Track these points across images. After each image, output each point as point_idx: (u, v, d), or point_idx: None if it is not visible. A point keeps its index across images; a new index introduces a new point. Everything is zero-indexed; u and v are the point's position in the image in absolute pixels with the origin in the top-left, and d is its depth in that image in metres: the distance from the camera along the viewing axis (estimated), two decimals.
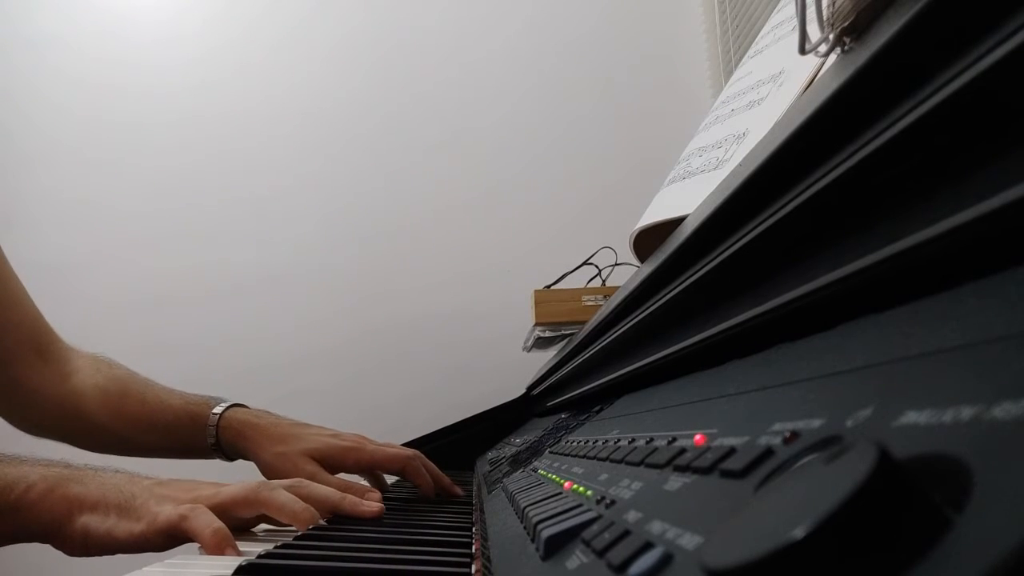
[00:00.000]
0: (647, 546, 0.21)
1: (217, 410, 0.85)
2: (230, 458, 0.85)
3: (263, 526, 0.67)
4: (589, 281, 1.29)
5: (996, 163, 0.18)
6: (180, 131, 1.94)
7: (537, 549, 0.31)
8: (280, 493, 0.58)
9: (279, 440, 0.80)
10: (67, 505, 0.54)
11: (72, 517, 0.54)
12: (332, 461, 0.79)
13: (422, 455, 0.82)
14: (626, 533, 0.23)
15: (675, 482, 0.26)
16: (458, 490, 0.81)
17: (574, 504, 0.34)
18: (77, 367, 0.89)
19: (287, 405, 0.91)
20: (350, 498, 0.63)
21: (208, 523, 0.52)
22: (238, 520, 0.57)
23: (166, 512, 0.54)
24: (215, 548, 0.50)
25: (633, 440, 0.38)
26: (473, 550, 0.46)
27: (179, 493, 0.57)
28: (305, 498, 0.59)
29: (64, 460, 0.59)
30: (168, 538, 0.54)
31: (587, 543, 0.26)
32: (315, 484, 0.63)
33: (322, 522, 0.59)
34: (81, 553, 0.55)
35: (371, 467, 0.81)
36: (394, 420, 1.68)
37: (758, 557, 0.12)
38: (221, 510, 0.54)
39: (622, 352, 0.61)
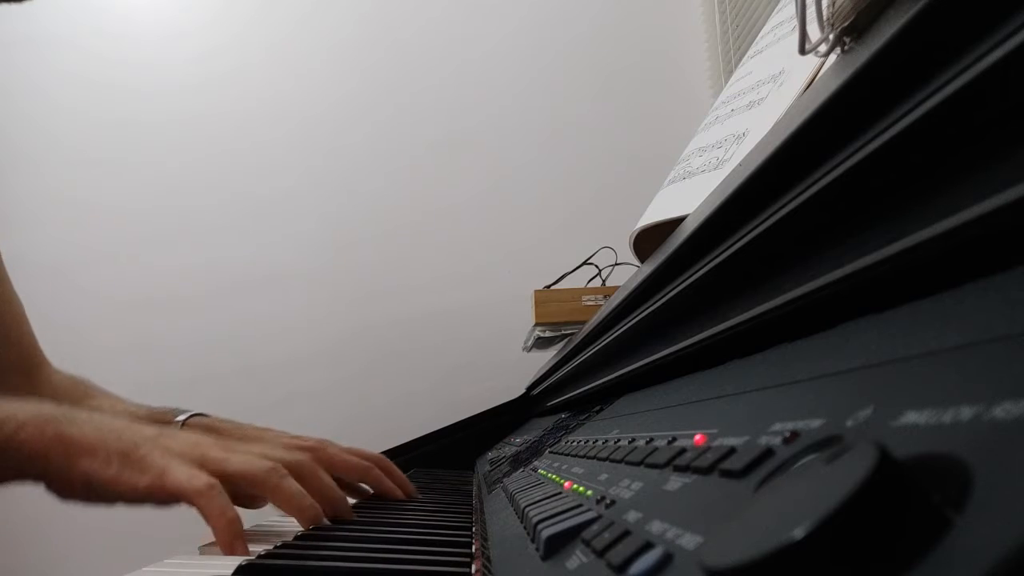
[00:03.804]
0: (647, 546, 0.21)
1: (180, 418, 0.80)
2: None
3: (264, 523, 0.67)
4: (589, 281, 1.29)
5: (996, 163, 0.18)
6: (180, 130, 1.94)
7: (537, 549, 0.31)
8: (290, 484, 0.56)
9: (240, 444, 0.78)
10: (63, 447, 0.51)
11: (70, 461, 0.51)
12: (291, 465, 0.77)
13: (384, 460, 0.78)
14: (626, 533, 0.23)
15: (675, 482, 0.26)
16: (400, 494, 0.76)
17: (574, 504, 0.34)
18: (58, 390, 0.85)
19: (287, 405, 0.91)
20: (346, 507, 0.62)
21: (223, 510, 0.50)
22: (245, 495, 0.56)
23: (179, 474, 0.51)
24: (226, 543, 0.49)
25: (633, 440, 0.38)
26: (473, 550, 0.46)
27: (185, 448, 0.54)
28: (315, 491, 0.57)
29: (52, 401, 0.56)
30: (171, 499, 0.51)
31: (587, 543, 0.26)
32: (327, 480, 0.61)
33: (326, 521, 0.58)
34: (80, 498, 0.52)
35: (330, 471, 0.73)
36: (394, 420, 1.68)
37: (758, 557, 0.12)
38: (229, 482, 0.52)
39: (622, 352, 0.61)
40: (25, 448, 0.51)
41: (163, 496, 0.51)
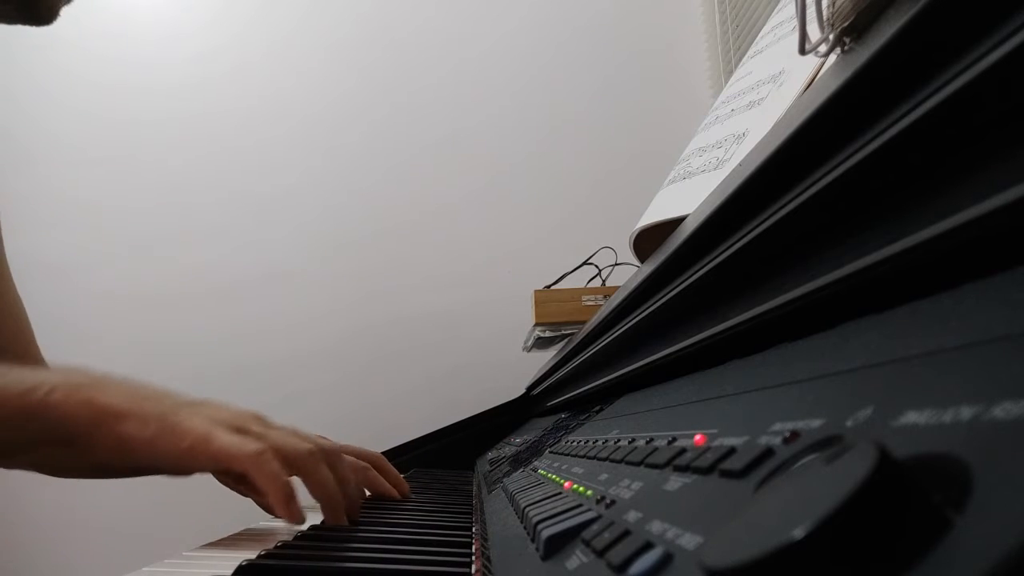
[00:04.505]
0: (647, 546, 0.21)
1: None
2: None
3: (264, 523, 0.67)
4: (589, 281, 1.29)
5: (996, 163, 0.18)
6: (180, 129, 1.94)
7: (537, 549, 0.31)
8: (326, 470, 0.55)
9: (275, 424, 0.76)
10: (93, 411, 0.50)
11: (101, 424, 0.50)
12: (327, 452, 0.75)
13: (381, 459, 0.77)
14: (626, 533, 0.23)
15: (675, 482, 0.26)
16: (396, 495, 0.76)
17: (574, 504, 0.34)
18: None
19: (286, 404, 0.91)
20: (358, 506, 0.61)
21: (276, 475, 0.49)
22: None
23: (226, 439, 0.50)
24: (283, 506, 0.49)
25: (633, 440, 0.38)
26: (473, 550, 0.46)
27: (227, 417, 0.53)
28: (341, 483, 0.56)
29: (83, 366, 0.55)
30: (212, 463, 0.51)
31: (587, 543, 0.26)
32: (351, 476, 0.60)
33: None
34: (110, 463, 0.51)
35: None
36: (393, 420, 1.68)
37: (758, 557, 0.12)
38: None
39: (622, 352, 0.61)
40: (55, 412, 0.50)
41: (204, 460, 0.50)
